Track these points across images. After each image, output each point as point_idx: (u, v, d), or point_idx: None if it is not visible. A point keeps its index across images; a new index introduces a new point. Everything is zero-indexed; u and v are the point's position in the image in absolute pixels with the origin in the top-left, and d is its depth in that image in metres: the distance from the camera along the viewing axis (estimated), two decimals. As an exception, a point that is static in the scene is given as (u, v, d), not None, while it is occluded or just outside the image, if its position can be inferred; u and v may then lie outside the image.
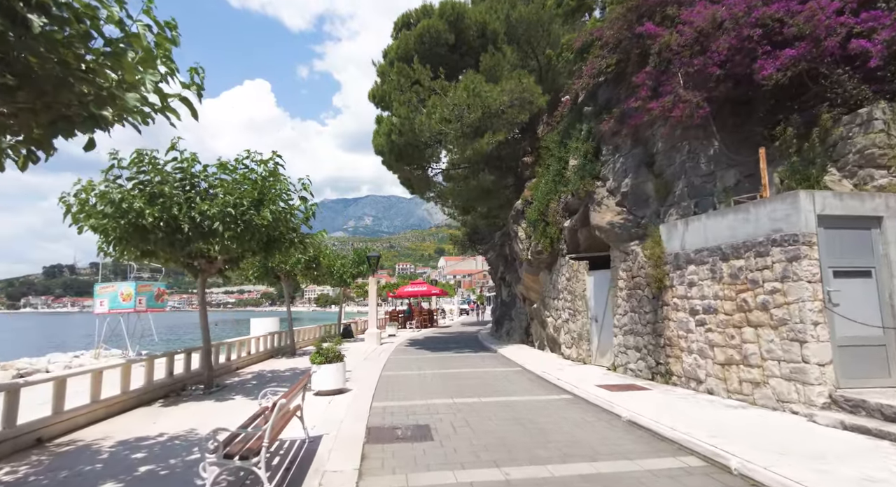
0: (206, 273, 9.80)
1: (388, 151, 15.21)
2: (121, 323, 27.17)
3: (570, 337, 12.11)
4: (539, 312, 14.57)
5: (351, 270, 21.44)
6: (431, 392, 8.83)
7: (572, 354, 11.95)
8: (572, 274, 11.93)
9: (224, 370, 11.95)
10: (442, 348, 17.19)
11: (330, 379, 8.69)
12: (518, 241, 15.32)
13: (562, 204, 12.69)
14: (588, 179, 11.07)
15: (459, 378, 10.38)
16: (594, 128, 11.45)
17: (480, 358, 13.78)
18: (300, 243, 10.57)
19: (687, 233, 8.04)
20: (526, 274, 15.23)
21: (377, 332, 19.09)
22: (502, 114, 14.77)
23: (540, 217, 13.50)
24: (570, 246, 12.35)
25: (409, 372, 11.33)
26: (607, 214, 10.27)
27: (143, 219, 7.57)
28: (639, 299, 9.29)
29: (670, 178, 9.21)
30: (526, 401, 7.78)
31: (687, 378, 7.82)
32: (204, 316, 9.85)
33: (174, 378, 9.45)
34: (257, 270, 14.84)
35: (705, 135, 8.68)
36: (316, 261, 16.00)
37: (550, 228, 12.92)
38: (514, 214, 15.56)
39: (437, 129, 14.20)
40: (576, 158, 11.96)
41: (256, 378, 11.23)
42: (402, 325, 31.00)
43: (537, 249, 13.64)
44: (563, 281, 12.56)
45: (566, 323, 12.40)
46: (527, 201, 14.94)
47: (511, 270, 17.92)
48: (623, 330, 9.77)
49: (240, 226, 8.29)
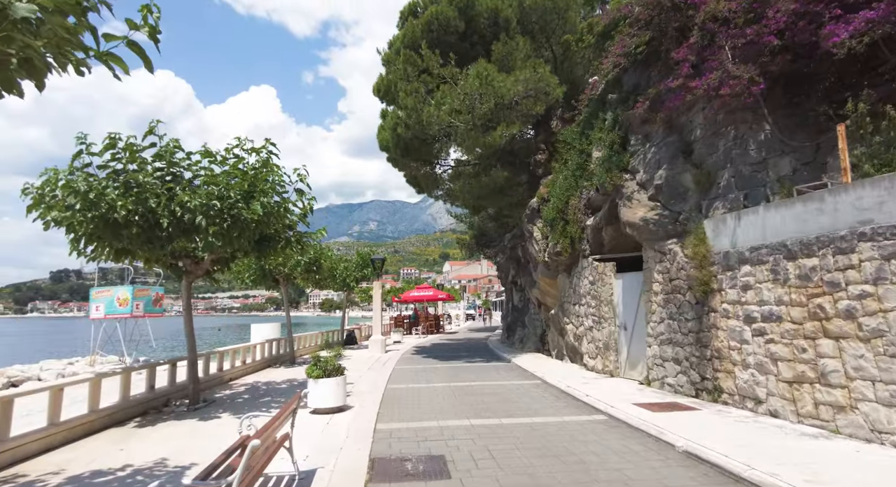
0: (192, 274, 8.82)
1: (394, 146, 14.23)
2: (117, 329, 26.27)
3: (595, 347, 11.02)
4: (557, 319, 13.49)
5: (354, 274, 20.45)
6: (444, 410, 7.77)
7: (597, 365, 10.85)
8: (597, 277, 10.86)
9: (215, 381, 10.95)
10: (451, 356, 16.11)
11: (328, 396, 7.65)
12: (533, 242, 14.27)
13: (584, 200, 11.63)
14: (615, 172, 10.01)
15: (474, 392, 9.31)
16: (621, 115, 10.41)
17: (495, 369, 12.70)
18: (297, 242, 9.59)
19: (739, 228, 6.97)
20: (542, 278, 14.17)
21: (382, 339, 18.05)
22: (516, 106, 13.77)
23: (559, 215, 12.45)
24: (593, 246, 11.28)
25: (418, 386, 10.28)
26: (639, 210, 9.21)
27: (116, 212, 6.59)
28: (678, 305, 8.21)
29: (713, 168, 8.14)
30: (555, 424, 6.70)
31: (742, 396, 6.72)
32: (189, 323, 8.86)
33: (155, 392, 8.45)
34: (253, 273, 13.86)
35: (755, 118, 7.63)
36: (317, 264, 15.01)
37: (571, 227, 11.86)
38: (528, 213, 14.52)
39: (446, 122, 13.21)
40: (600, 149, 10.92)
41: (250, 391, 10.20)
42: (407, 331, 29.94)
43: (556, 250, 12.58)
44: (585, 284, 11.48)
45: (589, 332, 11.31)
46: (543, 199, 13.90)
47: (524, 273, 16.86)
48: (659, 340, 8.68)
49: (226, 221, 7.30)
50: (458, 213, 30.45)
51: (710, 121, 8.29)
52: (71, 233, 6.89)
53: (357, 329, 25.24)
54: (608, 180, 10.04)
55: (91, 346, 26.04)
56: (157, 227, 7.06)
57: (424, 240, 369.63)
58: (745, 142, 7.66)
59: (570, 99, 16.12)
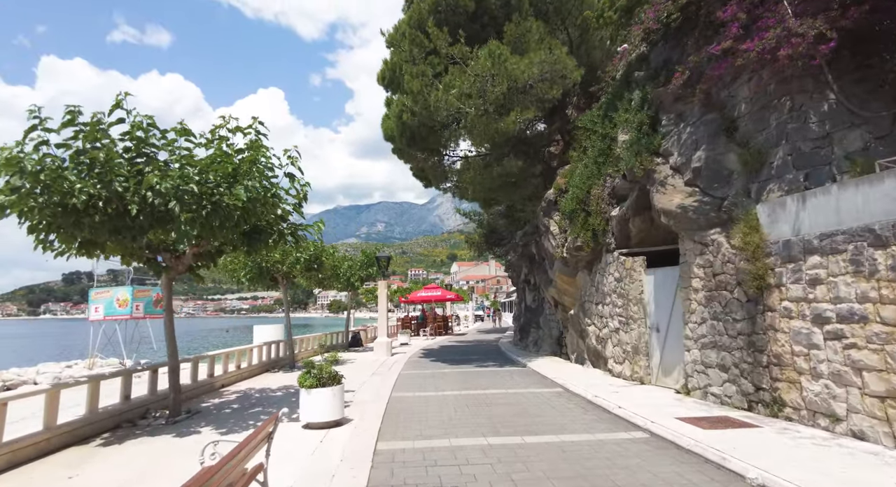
0: (173, 271, 7.89)
1: (399, 135, 13.26)
2: (117, 331, 25.55)
3: (621, 351, 9.95)
4: (577, 320, 12.42)
5: (359, 273, 19.51)
6: (456, 425, 6.76)
7: (624, 371, 9.78)
8: (624, 273, 9.79)
9: (205, 388, 10.03)
10: (461, 360, 15.09)
11: (323, 408, 6.67)
12: (550, 237, 13.23)
13: (607, 189, 10.58)
14: (645, 156, 8.96)
15: (489, 402, 8.29)
16: (650, 93, 9.37)
17: (509, 375, 11.66)
18: (292, 236, 8.64)
19: (804, 212, 5.90)
20: (559, 276, 13.11)
21: (387, 341, 17.07)
22: (530, 90, 12.74)
23: (579, 206, 11.40)
24: (619, 239, 10.22)
25: (426, 394, 9.27)
26: (675, 196, 8.15)
27: (74, 196, 5.67)
28: (724, 303, 7.14)
29: (763, 146, 7.07)
30: (589, 444, 5.66)
31: (811, 412, 5.65)
32: (170, 326, 7.93)
33: (131, 403, 7.52)
34: (249, 271, 12.94)
35: (816, 86, 6.55)
36: (317, 262, 14.06)
37: (593, 219, 10.80)
38: (543, 206, 13.48)
39: (455, 107, 12.21)
40: (626, 132, 9.87)
41: (241, 399, 9.26)
42: (415, 333, 28.95)
43: (575, 245, 11.53)
44: (610, 282, 10.42)
45: (615, 334, 10.24)
46: (560, 190, 12.85)
47: (539, 271, 15.81)
48: (699, 344, 7.61)
49: (205, 208, 6.35)
50: (466, 211, 29.47)
51: (759, 93, 7.23)
52: (26, 222, 5.98)
53: (363, 330, 24.31)
54: (637, 165, 8.99)
55: (90, 349, 25.31)
56: (125, 215, 6.13)
57: (432, 241, 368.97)
58: (804, 114, 6.59)
59: (587, 85, 15.09)
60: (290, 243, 8.76)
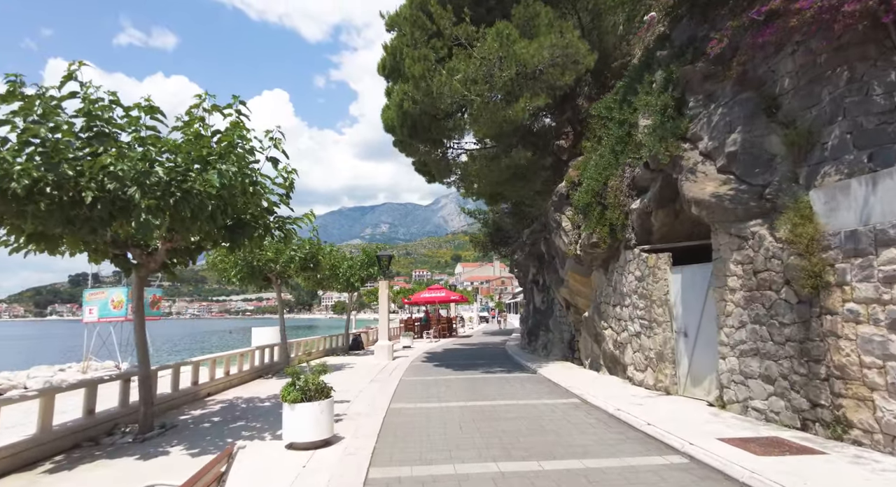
0: (144, 268, 7.06)
1: (400, 125, 12.39)
2: (111, 333, 24.82)
3: (643, 357, 9.03)
4: (591, 323, 11.51)
5: (360, 273, 18.65)
6: (462, 445, 5.87)
7: (646, 380, 8.86)
8: (646, 271, 8.88)
9: (187, 398, 9.20)
10: (466, 365, 14.20)
11: (309, 426, 5.81)
12: (561, 234, 12.32)
13: (626, 179, 9.67)
14: (671, 141, 8.05)
15: (498, 416, 7.39)
16: (676, 73, 8.47)
17: (519, 383, 10.75)
18: (279, 229, 7.80)
19: (875, 196, 4.99)
20: (572, 275, 12.20)
21: (388, 345, 16.21)
22: (540, 76, 11.86)
23: (594, 199, 10.49)
24: (639, 234, 9.32)
25: (428, 406, 8.39)
26: (707, 184, 7.24)
27: (14, 180, 4.84)
28: (769, 304, 6.22)
29: (813, 125, 6.15)
30: (618, 471, 4.77)
31: (889, 436, 4.73)
32: (140, 330, 7.12)
33: (96, 418, 6.69)
34: (240, 270, 12.11)
35: (879, 52, 5.64)
36: (314, 260, 13.22)
37: (610, 212, 9.90)
38: (555, 200, 12.57)
39: (459, 93, 11.34)
40: (648, 117, 8.96)
41: (224, 411, 8.42)
42: (418, 335, 28.09)
43: (591, 241, 10.61)
44: (630, 281, 9.50)
45: (635, 338, 9.32)
46: (573, 183, 11.95)
47: (549, 271, 14.90)
48: (738, 351, 6.69)
49: (174, 196, 5.51)
50: (471, 209, 28.65)
51: (807, 65, 6.32)
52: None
53: (364, 333, 23.45)
54: (662, 151, 8.08)
55: (84, 352, 24.56)
56: (80, 204, 5.30)
57: (436, 242, 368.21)
58: (867, 86, 5.67)
59: (599, 74, 14.20)
60: (277, 238, 7.93)
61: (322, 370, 6.17)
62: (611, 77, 14.09)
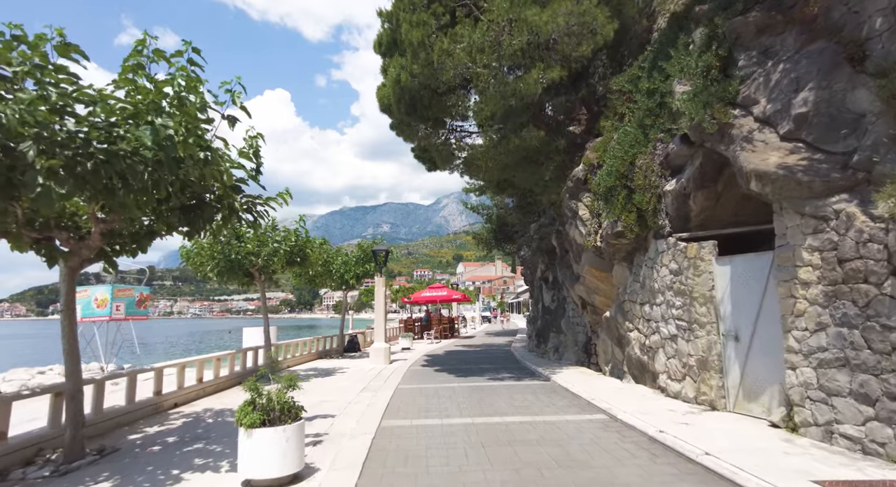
0: (75, 256, 5.72)
1: (397, 101, 11.05)
2: (95, 334, 23.51)
3: (680, 364, 7.66)
4: (613, 324, 10.15)
5: (355, 269, 17.33)
6: (470, 483, 4.53)
7: (685, 391, 7.50)
8: (685, 263, 7.52)
9: (146, 411, 7.88)
10: (471, 370, 12.86)
11: (271, 457, 4.47)
12: (578, 224, 10.96)
13: (658, 157, 8.32)
14: (717, 107, 6.69)
15: (513, 439, 6.04)
16: (722, 27, 7.12)
17: (532, 392, 9.39)
18: (247, 211, 6.48)
19: None
20: (590, 270, 10.85)
21: (385, 347, 14.87)
22: (554, 46, 10.53)
23: (619, 182, 9.13)
24: (675, 220, 7.96)
25: (426, 423, 7.04)
26: (770, 155, 5.88)
27: None
28: (864, 302, 4.86)
29: (919, 72, 4.79)
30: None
31: None
32: (71, 334, 5.78)
33: (8, 444, 5.35)
34: (217, 264, 10.78)
35: None
36: (301, 253, 11.89)
37: (639, 196, 8.54)
38: (570, 187, 11.21)
39: (463, 63, 10.01)
40: (685, 83, 7.61)
41: (186, 428, 7.09)
42: (418, 336, 26.75)
43: (614, 230, 9.25)
44: (663, 276, 8.14)
45: (670, 342, 7.96)
46: (591, 166, 10.59)
47: (562, 266, 13.54)
48: (816, 359, 5.33)
49: (92, 158, 4.19)
50: (474, 205, 27.35)
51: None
52: None
53: (361, 333, 22.11)
54: (707, 119, 6.71)
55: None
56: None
57: (438, 241, 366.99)
58: None
59: (616, 52, 12.83)
60: (246, 221, 6.59)
61: (291, 383, 4.86)
62: (628, 55, 12.73)
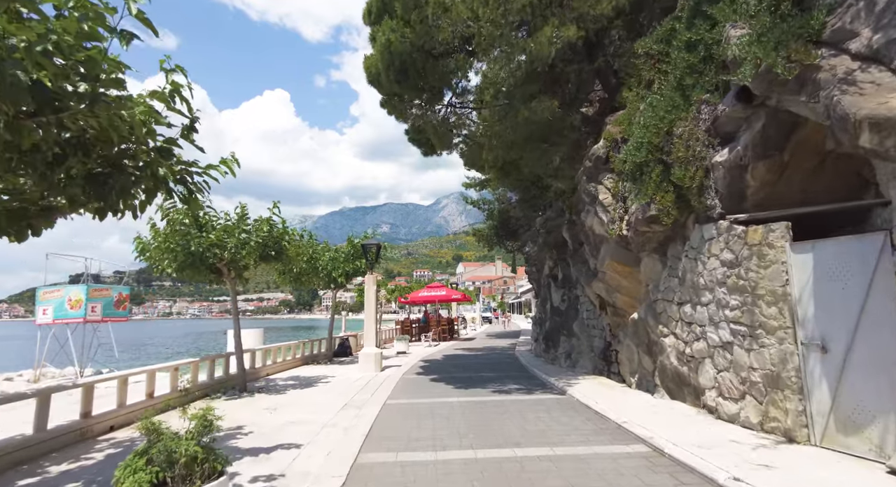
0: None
1: (386, 69, 9.46)
2: (69, 337, 21.85)
3: (737, 379, 6.06)
4: (641, 327, 8.56)
5: (344, 266, 15.73)
6: None
7: (745, 414, 5.90)
8: (744, 252, 5.93)
9: (66, 439, 6.29)
10: (472, 380, 11.27)
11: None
12: (598, 210, 9.38)
13: (704, 122, 6.73)
14: (794, 46, 5.11)
15: (532, 483, 4.45)
16: (796, -54, 5.53)
17: (545, 410, 7.79)
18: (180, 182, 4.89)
19: None
20: (611, 264, 9.26)
21: (376, 353, 13.28)
22: (569, 3, 8.99)
23: (651, 156, 7.53)
24: (727, 199, 6.37)
25: (416, 459, 5.44)
26: (890, 97, 4.29)
27: None
28: None
29: None
30: None
31: None
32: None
33: None
34: (177, 257, 9.16)
35: None
36: (277, 246, 10.29)
37: (679, 171, 6.94)
38: (588, 168, 9.62)
39: (463, 19, 8.44)
40: (742, 26, 6.03)
41: (103, 465, 5.49)
42: (416, 338, 25.16)
43: (646, 215, 7.67)
44: (711, 268, 6.54)
45: (722, 351, 6.36)
46: (615, 142, 9.01)
47: (576, 261, 11.94)
48: (965, 383, 3.73)
49: None
50: (475, 199, 25.82)
51: None
52: None
53: (353, 336, 20.51)
54: (781, 62, 5.12)
55: (37, 357, 21.51)
56: None
57: (437, 242, 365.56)
58: None
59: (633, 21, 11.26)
60: (178, 195, 4.99)
61: (204, 424, 3.25)
62: (647, 25, 11.15)
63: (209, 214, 9.82)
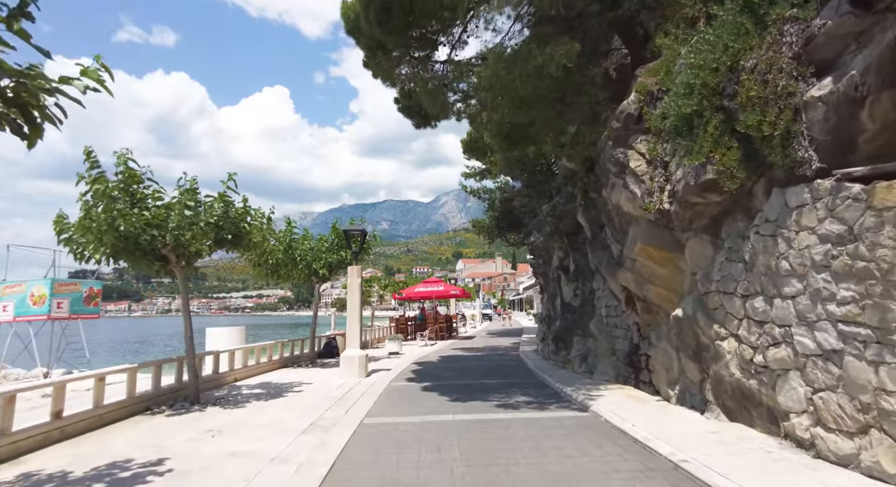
0: None
1: (365, 7, 7.62)
2: (31, 336, 20.00)
3: (850, 405, 4.25)
4: (688, 326, 6.74)
5: (327, 257, 13.92)
6: None
7: (871, 457, 4.09)
8: (864, 220, 4.10)
9: None
10: (472, 388, 9.45)
11: None
12: (628, 181, 7.54)
13: (792, 46, 4.88)
14: None
15: None
16: None
17: (568, 436, 5.96)
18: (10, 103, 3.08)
19: None
20: (644, 249, 7.43)
21: (360, 355, 11.46)
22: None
23: (707, 101, 5.68)
24: (831, 148, 4.54)
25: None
26: None
27: None
28: None
29: None
30: None
31: None
32: None
33: None
34: (103, 238, 7.31)
35: None
36: (235, 228, 8.45)
37: (751, 116, 5.07)
38: (616, 129, 7.76)
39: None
40: None
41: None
42: (411, 336, 23.37)
43: (700, 180, 5.84)
44: (802, 246, 4.72)
45: (818, 361, 4.55)
46: (650, 95, 7.17)
47: (595, 249, 10.10)
48: None
49: None
50: (474, 188, 24.07)
51: None
52: None
53: (342, 335, 18.67)
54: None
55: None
56: None
57: (437, 239, 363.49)
58: None
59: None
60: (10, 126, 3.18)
61: None
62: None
63: (151, 187, 8.00)
